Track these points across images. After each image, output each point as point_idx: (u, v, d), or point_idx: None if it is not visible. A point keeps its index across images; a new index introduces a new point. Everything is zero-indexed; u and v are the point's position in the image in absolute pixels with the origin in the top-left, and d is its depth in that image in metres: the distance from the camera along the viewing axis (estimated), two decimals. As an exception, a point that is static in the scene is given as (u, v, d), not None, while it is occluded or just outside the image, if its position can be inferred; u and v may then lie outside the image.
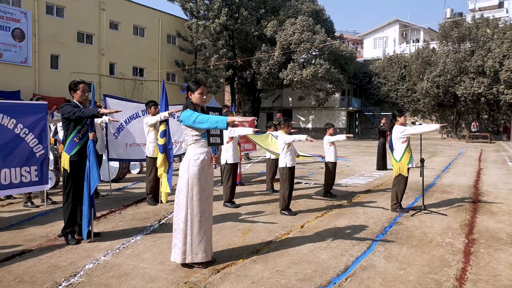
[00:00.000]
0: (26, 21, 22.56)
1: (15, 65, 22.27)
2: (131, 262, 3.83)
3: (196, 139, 3.76)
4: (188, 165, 3.72)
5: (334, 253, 4.18)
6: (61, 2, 24.43)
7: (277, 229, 5.11)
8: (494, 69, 31.01)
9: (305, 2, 37.54)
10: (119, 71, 28.22)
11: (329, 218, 5.74)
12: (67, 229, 4.45)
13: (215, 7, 31.87)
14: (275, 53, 33.43)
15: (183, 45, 32.23)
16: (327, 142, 7.43)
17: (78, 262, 3.82)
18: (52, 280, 3.38)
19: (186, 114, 3.66)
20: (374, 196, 7.63)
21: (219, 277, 3.50)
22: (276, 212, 6.06)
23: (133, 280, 3.41)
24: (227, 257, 4.01)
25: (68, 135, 4.42)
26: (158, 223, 5.39)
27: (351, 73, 38.10)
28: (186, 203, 3.70)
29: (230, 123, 3.49)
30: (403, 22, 49.93)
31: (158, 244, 4.42)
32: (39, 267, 3.70)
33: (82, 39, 26.07)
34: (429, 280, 3.49)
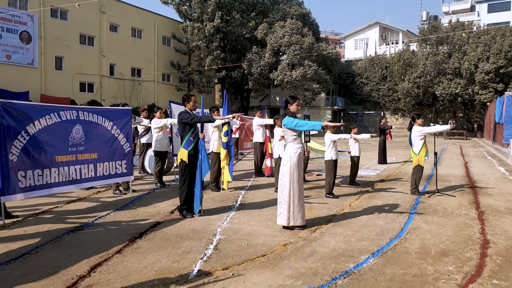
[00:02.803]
0: (32, 24, 23.23)
1: (23, 66, 22.92)
2: (246, 227, 5.24)
3: (294, 138, 5.21)
4: (290, 156, 5.16)
5: (387, 220, 5.70)
6: (64, 5, 25.14)
7: (332, 207, 6.60)
8: (469, 71, 33.56)
9: (293, 6, 39.25)
10: (118, 71, 29.09)
11: (366, 200, 7.28)
12: (183, 207, 5.81)
13: (209, 10, 33.09)
14: (266, 55, 35.00)
15: (178, 46, 33.28)
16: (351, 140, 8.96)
17: (207, 227, 5.20)
18: (204, 237, 4.75)
19: (289, 120, 5.09)
20: (390, 184, 9.23)
21: (318, 234, 4.95)
22: (321, 196, 7.54)
23: (260, 236, 4.82)
24: (311, 224, 5.46)
25: (184, 135, 5.77)
26: (236, 203, 6.78)
27: (336, 74, 40.15)
28: (289, 183, 5.14)
29: (324, 126, 4.95)
30: (383, 24, 52.23)
31: (253, 217, 5.82)
32: (182, 230, 5.05)
33: (84, 41, 26.83)
34: (462, 234, 5.05)
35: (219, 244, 4.47)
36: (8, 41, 22.14)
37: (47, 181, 5.82)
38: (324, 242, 4.61)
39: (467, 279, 3.57)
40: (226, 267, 3.78)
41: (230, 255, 4.12)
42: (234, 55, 37.99)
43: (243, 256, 4.09)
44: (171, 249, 4.30)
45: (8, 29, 22.13)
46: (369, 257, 4.11)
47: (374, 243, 4.61)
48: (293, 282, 3.44)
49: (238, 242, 4.58)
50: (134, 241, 4.55)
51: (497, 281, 3.51)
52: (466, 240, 4.77)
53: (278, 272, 3.66)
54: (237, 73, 37.06)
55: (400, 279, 3.55)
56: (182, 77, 33.45)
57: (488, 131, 29.06)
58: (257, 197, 7.32)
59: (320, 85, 35.92)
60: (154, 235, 4.82)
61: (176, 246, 4.40)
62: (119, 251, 4.20)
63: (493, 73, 32.63)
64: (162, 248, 4.34)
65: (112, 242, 4.49)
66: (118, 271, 3.63)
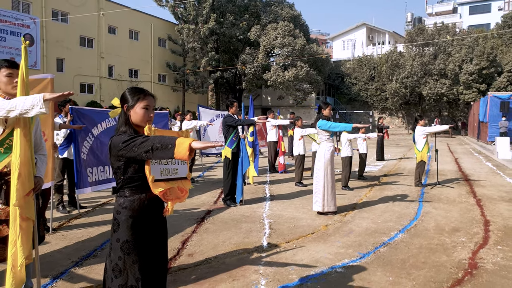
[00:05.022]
0: (35, 27, 23.65)
1: (25, 68, 23.31)
2: (286, 213, 6.17)
3: (327, 138, 6.17)
4: (324, 153, 6.12)
5: (401, 207, 6.70)
6: (65, 8, 25.61)
7: (351, 197, 7.58)
8: (454, 72, 35.14)
9: (284, 8, 40.31)
10: (117, 73, 29.64)
11: (378, 191, 8.29)
12: (227, 197, 6.71)
13: (204, 13, 33.86)
14: (259, 56, 36.00)
15: (173, 48, 33.95)
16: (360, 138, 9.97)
17: (254, 213, 6.11)
18: (256, 220, 5.66)
19: (323, 122, 6.05)
20: (393, 178, 10.28)
21: (349, 218, 5.92)
22: (337, 188, 8.52)
23: (302, 220, 5.76)
24: (340, 210, 6.41)
25: (228, 136, 6.67)
26: (267, 195, 7.70)
27: (326, 74, 41.42)
28: (324, 176, 6.10)
29: (354, 127, 5.92)
30: (370, 25, 53.63)
31: (288, 205, 6.75)
32: (234, 215, 5.95)
33: (84, 43, 27.33)
34: (466, 216, 6.08)
35: (272, 226, 5.40)
36: (12, 43, 22.54)
37: (107, 176, 6.64)
38: (356, 223, 5.58)
39: (478, 246, 4.58)
40: (288, 241, 4.71)
41: (285, 233, 5.04)
42: (227, 55, 38.87)
43: (296, 234, 5.02)
44: (234, 229, 5.21)
45: (12, 32, 22.53)
46: (397, 233, 5.09)
47: (397, 223, 5.60)
48: (345, 250, 4.39)
49: (286, 224, 5.51)
50: (200, 224, 5.44)
51: (501, 247, 4.53)
52: (471, 220, 5.80)
53: (330, 244, 4.61)
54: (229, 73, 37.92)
55: (427, 247, 4.53)
56: (177, 77, 34.15)
57: (472, 129, 30.62)
58: (282, 190, 8.26)
59: (311, 85, 37.12)
60: (214, 220, 5.72)
61: (237, 227, 5.30)
62: (194, 231, 5.09)
63: (476, 74, 34.24)
64: (226, 229, 5.24)
65: (183, 225, 5.37)
66: (204, 245, 4.52)
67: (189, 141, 1.96)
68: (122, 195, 2.22)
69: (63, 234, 4.89)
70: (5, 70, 2.77)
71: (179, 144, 1.97)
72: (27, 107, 2.46)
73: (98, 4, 27.90)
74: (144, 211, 2.22)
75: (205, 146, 1.99)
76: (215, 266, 3.84)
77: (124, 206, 2.19)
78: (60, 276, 3.57)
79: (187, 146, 1.94)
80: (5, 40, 22.36)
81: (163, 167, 2.31)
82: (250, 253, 4.24)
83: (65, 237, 4.77)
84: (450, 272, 3.76)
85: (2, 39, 22.46)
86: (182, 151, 1.95)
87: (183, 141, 1.97)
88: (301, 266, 3.83)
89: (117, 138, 2.18)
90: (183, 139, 2.00)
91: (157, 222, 2.30)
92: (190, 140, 1.97)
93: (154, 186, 2.19)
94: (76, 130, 5.94)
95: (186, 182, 2.43)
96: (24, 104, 2.47)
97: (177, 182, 2.37)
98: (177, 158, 2.02)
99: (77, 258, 4.06)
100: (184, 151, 1.95)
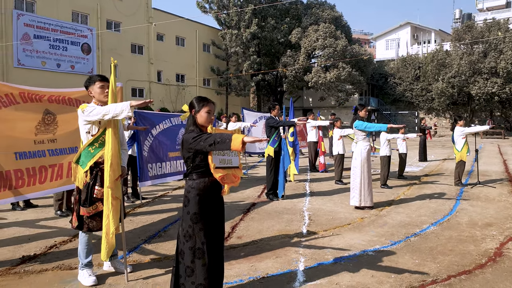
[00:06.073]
0: (91, 36, 25.58)
1: (84, 75, 25.20)
2: (325, 207, 6.65)
3: (363, 137, 6.60)
4: (361, 152, 6.55)
5: (438, 204, 6.97)
6: (118, 18, 27.40)
7: (389, 195, 7.92)
8: (506, 70, 33.67)
9: (325, 10, 40.43)
10: (165, 77, 31.23)
11: (416, 190, 8.54)
12: (270, 191, 7.30)
13: (246, 18, 34.79)
14: (300, 58, 36.41)
15: (217, 52, 35.16)
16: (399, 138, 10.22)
17: (295, 207, 6.65)
18: (296, 212, 6.20)
19: (359, 123, 6.49)
20: (434, 178, 10.42)
21: (385, 212, 6.31)
22: (376, 187, 8.85)
23: (340, 213, 6.22)
24: (377, 206, 6.79)
25: (270, 136, 7.26)
26: (307, 191, 8.21)
27: (369, 75, 41.06)
28: (360, 173, 6.53)
29: (388, 128, 6.32)
30: (414, 24, 52.34)
31: (327, 201, 7.23)
32: (276, 208, 6.53)
33: (135, 50, 29.09)
34: (502, 213, 6.28)
35: (311, 217, 5.92)
36: (72, 52, 24.53)
37: (164, 171, 7.44)
38: (391, 217, 5.98)
39: (508, 238, 4.86)
40: (325, 229, 5.22)
41: (323, 223, 5.55)
42: (268, 58, 39.62)
43: (333, 224, 5.51)
44: (277, 219, 5.79)
45: (72, 42, 24.53)
46: (429, 226, 5.45)
47: (431, 217, 5.93)
48: (378, 238, 4.83)
49: (324, 216, 6.01)
50: (246, 214, 6.07)
51: (530, 240, 4.79)
52: (506, 217, 6.01)
53: (365, 233, 5.07)
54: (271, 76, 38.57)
55: (456, 238, 4.87)
56: (221, 81, 35.31)
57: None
58: (322, 187, 8.73)
59: (353, 86, 37.04)
60: (258, 211, 6.33)
61: (279, 217, 5.87)
62: (241, 219, 5.73)
63: (531, 71, 32.68)
64: (270, 218, 5.83)
65: (231, 214, 6.02)
66: (251, 230, 5.14)
67: (242, 137, 2.59)
68: (191, 178, 2.87)
69: (131, 219, 5.69)
70: (98, 83, 3.52)
71: (235, 139, 2.60)
72: (117, 111, 3.18)
73: (147, 13, 29.55)
74: (207, 191, 2.86)
75: (254, 140, 2.61)
76: (261, 246, 4.44)
77: (192, 187, 2.84)
78: (134, 250, 4.33)
79: (241, 140, 2.57)
80: (66, 50, 24.38)
81: (221, 157, 2.94)
82: (291, 238, 4.80)
83: (132, 222, 5.57)
84: (474, 259, 4.12)
85: (64, 48, 24.50)
86: (237, 144, 2.57)
87: (237, 136, 2.61)
88: (336, 249, 4.34)
89: (187, 135, 2.84)
90: (237, 135, 2.64)
91: (217, 200, 2.95)
92: (242, 136, 2.61)
93: (214, 172, 2.83)
94: (139, 131, 6.77)
95: (238, 170, 3.05)
96: (115, 109, 3.18)
97: (232, 170, 2.99)
98: (232, 150, 2.65)
99: (145, 237, 4.82)
100: (238, 144, 2.57)
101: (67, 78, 24.20)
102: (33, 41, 22.86)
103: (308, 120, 11.66)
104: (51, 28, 23.78)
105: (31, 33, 22.83)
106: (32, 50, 22.99)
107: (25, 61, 22.72)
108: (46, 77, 23.18)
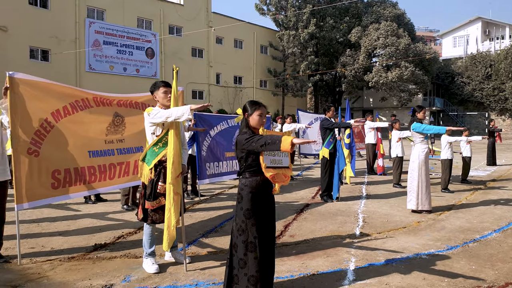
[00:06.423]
0: (155, 41, 27.02)
1: (148, 78, 26.74)
2: (380, 210, 6.57)
3: (421, 140, 6.43)
4: (418, 154, 6.40)
5: (503, 210, 6.60)
6: (180, 23, 28.66)
7: (449, 199, 7.61)
8: None
9: (387, 8, 39.16)
10: (223, 80, 32.14)
11: (481, 195, 8.11)
12: (324, 193, 7.34)
13: (304, 18, 34.72)
14: (360, 57, 35.60)
15: (274, 54, 35.45)
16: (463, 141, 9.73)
17: (349, 209, 6.64)
18: (350, 214, 6.20)
19: (417, 125, 6.33)
20: (502, 183, 9.79)
21: (443, 217, 6.11)
22: (436, 191, 8.52)
23: (395, 216, 6.12)
24: (435, 210, 6.57)
25: (325, 137, 7.29)
26: (363, 194, 8.13)
27: (434, 74, 39.10)
28: (418, 176, 6.37)
29: (448, 131, 6.10)
30: (486, 19, 48.92)
31: (383, 204, 7.12)
32: (330, 209, 6.56)
33: (195, 54, 30.27)
34: None
35: (365, 219, 5.90)
36: (137, 57, 26.11)
37: (221, 170, 7.77)
38: (450, 222, 5.78)
39: None
40: (379, 232, 5.19)
41: (377, 226, 5.51)
42: (326, 58, 39.19)
43: (388, 227, 5.46)
44: (330, 220, 5.84)
45: (137, 47, 26.11)
46: (491, 232, 5.20)
47: (494, 224, 5.65)
48: (434, 243, 4.72)
49: (379, 219, 5.95)
50: (300, 214, 6.18)
51: None
52: None
53: (420, 237, 4.97)
54: (329, 76, 38.10)
55: (521, 247, 4.62)
56: (277, 82, 35.55)
57: None
58: (379, 190, 8.59)
59: (417, 85, 35.50)
60: (311, 211, 6.41)
61: (333, 219, 5.92)
62: (294, 219, 5.85)
63: None
64: (323, 219, 5.89)
65: (285, 214, 6.17)
66: (303, 230, 5.25)
67: (291, 138, 2.74)
68: (244, 176, 3.07)
69: (190, 215, 6.04)
70: (162, 88, 3.85)
71: (284, 140, 2.75)
72: (179, 114, 3.47)
73: (207, 17, 30.57)
74: (259, 188, 3.04)
75: (303, 141, 2.75)
76: (312, 245, 4.54)
77: (245, 185, 3.04)
78: (192, 243, 4.63)
79: (290, 142, 2.72)
80: (132, 54, 26.00)
81: (272, 158, 3.10)
82: (343, 239, 4.84)
83: (191, 217, 5.91)
84: (539, 268, 3.90)
85: (130, 53, 26.15)
86: (286, 145, 2.72)
87: (287, 138, 2.76)
88: (389, 251, 4.32)
89: (241, 136, 3.05)
90: (287, 136, 2.80)
91: (268, 197, 3.12)
92: (292, 137, 2.76)
93: (265, 171, 3.00)
94: (198, 132, 7.14)
95: (288, 170, 3.20)
96: (177, 112, 3.48)
97: (282, 169, 3.14)
98: (282, 150, 2.81)
99: (203, 231, 5.12)
100: (287, 145, 2.72)
101: (132, 81, 25.78)
102: (102, 47, 24.68)
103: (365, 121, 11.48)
104: (119, 34, 25.51)
105: (101, 40, 24.67)
106: (102, 56, 24.83)
107: (95, 65, 24.62)
108: (113, 81, 24.93)
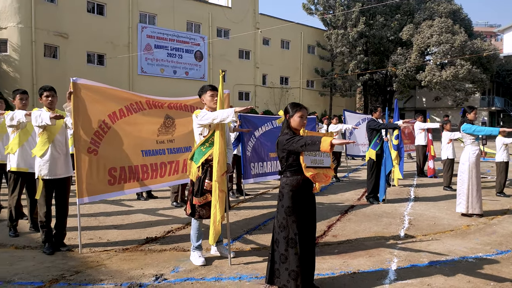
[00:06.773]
0: (203, 44, 27.78)
1: (196, 80, 27.58)
2: (428, 213, 6.41)
3: (472, 141, 6.21)
4: (469, 156, 6.18)
5: None
6: (227, 25, 29.26)
7: (504, 204, 7.25)
8: None
9: (441, 3, 37.46)
10: (269, 81, 32.38)
11: (540, 199, 7.66)
12: (370, 195, 7.27)
13: (353, 17, 34.11)
14: (412, 56, 34.35)
15: (322, 53, 35.14)
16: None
17: (395, 211, 6.54)
18: (396, 216, 6.11)
19: (467, 126, 6.12)
20: None
21: (496, 221, 5.86)
22: (490, 194, 8.14)
23: (444, 219, 5.96)
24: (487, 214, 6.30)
25: (372, 138, 7.24)
26: (411, 196, 7.95)
27: (493, 72, 36.86)
28: (468, 179, 6.16)
29: (501, 132, 5.85)
30: (554, 11, 45.27)
31: (431, 206, 6.94)
32: (376, 211, 6.50)
33: (242, 56, 30.78)
34: None
35: (411, 221, 5.80)
36: (187, 60, 27.01)
37: (265, 170, 7.93)
38: (503, 226, 5.54)
39: None
40: (425, 234, 5.10)
41: (423, 228, 5.41)
42: (376, 57, 38.23)
43: (434, 230, 5.34)
44: (375, 221, 5.81)
45: (186, 50, 27.03)
46: (549, 239, 4.94)
47: (553, 230, 5.34)
48: (482, 247, 4.58)
49: (426, 221, 5.83)
50: (344, 215, 6.20)
51: None
52: None
53: (468, 240, 4.83)
54: (379, 75, 37.09)
55: None
56: (325, 82, 35.19)
57: None
58: (428, 193, 8.36)
59: (474, 84, 33.67)
60: (356, 213, 6.40)
61: (378, 220, 5.88)
62: (338, 219, 5.89)
63: None
64: (367, 220, 5.87)
65: (328, 214, 6.21)
66: (347, 230, 5.28)
67: (331, 139, 2.83)
68: (285, 175, 3.21)
69: (235, 212, 6.27)
70: (209, 92, 4.08)
71: (324, 141, 2.85)
72: (224, 116, 3.68)
73: (254, 19, 30.94)
74: (300, 187, 3.16)
75: (341, 142, 2.85)
76: (355, 245, 4.57)
77: (286, 183, 3.17)
78: (237, 239, 4.83)
79: (329, 142, 2.81)
80: (181, 57, 26.94)
81: (313, 158, 3.21)
82: (386, 240, 4.82)
83: (236, 215, 6.13)
84: None
85: (180, 56, 27.10)
86: (325, 145, 2.83)
87: (326, 138, 2.86)
88: (433, 253, 4.25)
89: (282, 137, 3.19)
90: (326, 137, 2.90)
91: (308, 196, 3.23)
92: (331, 138, 2.85)
93: (306, 170, 3.11)
94: (243, 132, 7.36)
95: (329, 170, 3.28)
96: (223, 114, 3.69)
97: (323, 169, 3.24)
98: (322, 151, 2.92)
99: (247, 229, 5.31)
100: (326, 145, 2.82)
101: (182, 83, 26.69)
102: (154, 51, 25.78)
103: (415, 122, 11.18)
104: (169, 38, 26.54)
105: (152, 44, 25.80)
106: (153, 59, 25.95)
107: (147, 69, 25.78)
108: (164, 83, 25.96)
